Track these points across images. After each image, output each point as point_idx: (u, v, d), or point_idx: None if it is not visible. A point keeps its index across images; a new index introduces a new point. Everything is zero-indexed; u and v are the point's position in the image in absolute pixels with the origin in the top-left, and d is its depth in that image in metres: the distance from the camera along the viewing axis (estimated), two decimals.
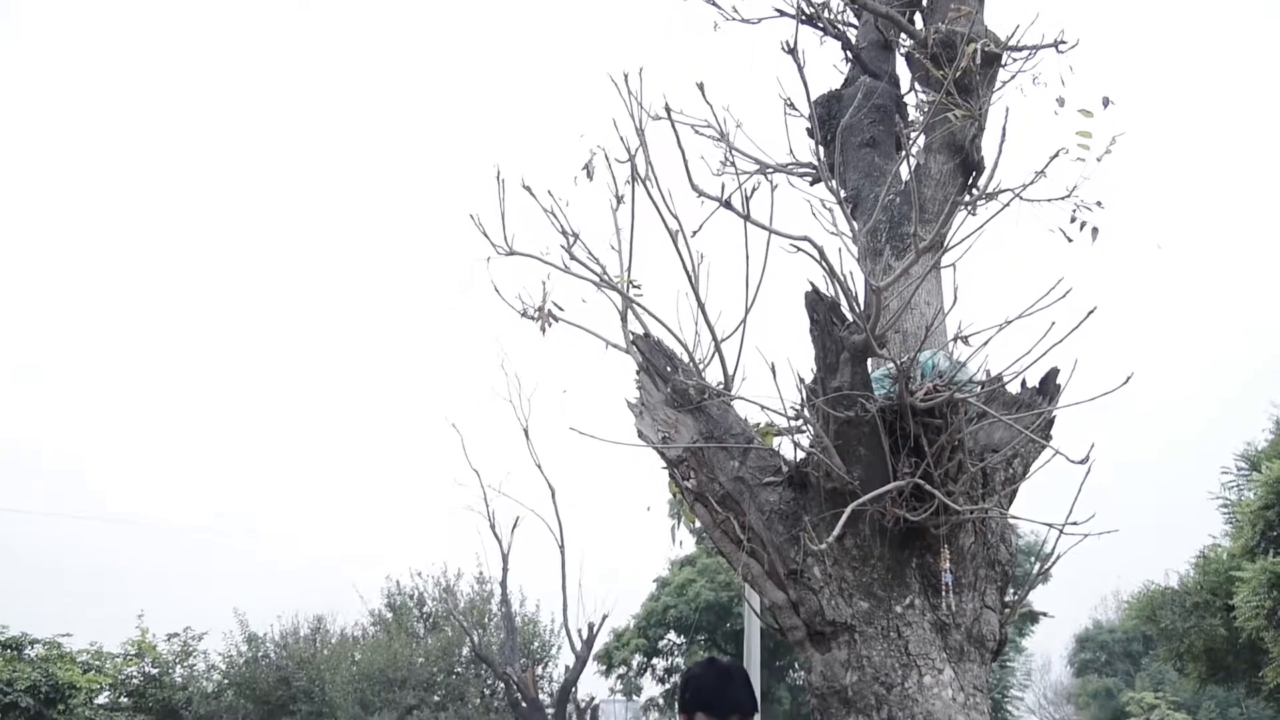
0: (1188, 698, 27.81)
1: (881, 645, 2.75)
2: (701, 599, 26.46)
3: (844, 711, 2.77)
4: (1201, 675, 12.88)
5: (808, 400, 2.86)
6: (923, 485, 2.65)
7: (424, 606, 30.03)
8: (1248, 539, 10.08)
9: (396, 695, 25.05)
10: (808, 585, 2.83)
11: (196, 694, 25.77)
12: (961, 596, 2.85)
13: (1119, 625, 37.06)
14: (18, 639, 19.44)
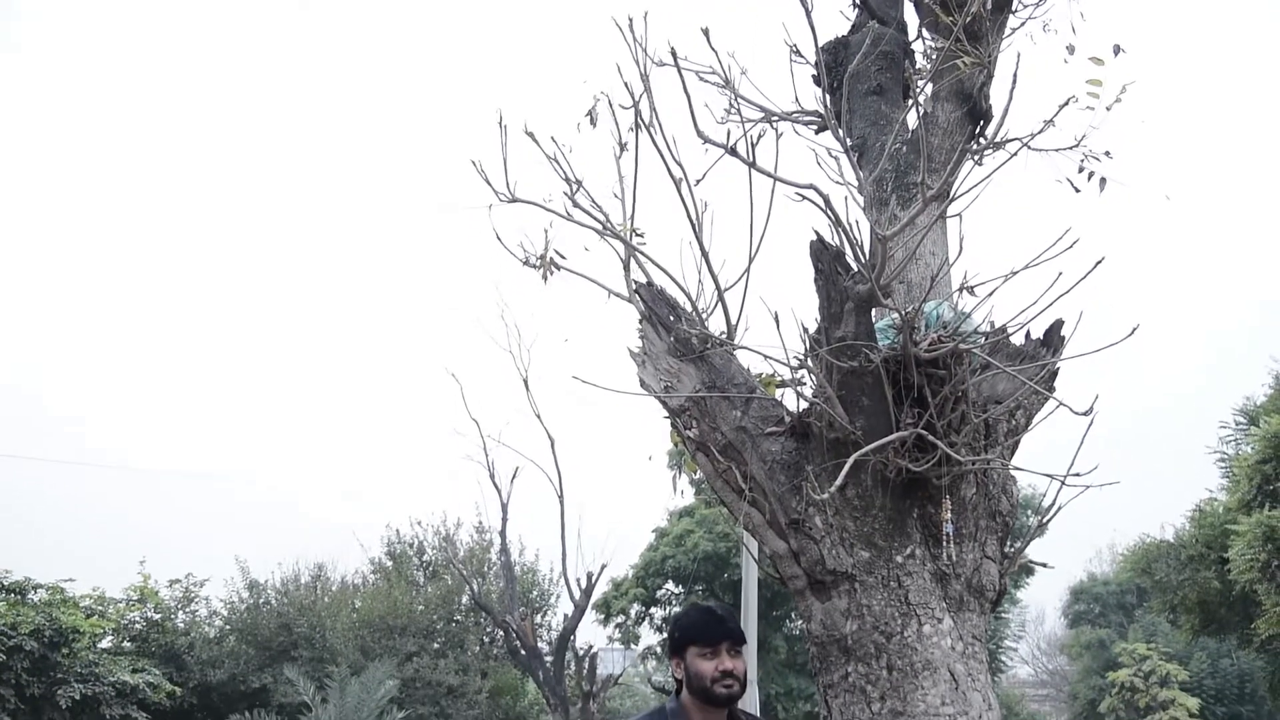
0: (1179, 649, 28.09)
1: (882, 594, 2.77)
2: (700, 549, 26.63)
3: (843, 660, 2.79)
4: (1194, 627, 13.01)
5: (811, 350, 2.84)
6: (925, 436, 2.65)
7: (424, 555, 30.27)
8: (1244, 493, 10.12)
9: (397, 642, 25.30)
10: (809, 535, 2.84)
11: (199, 639, 26.03)
12: (962, 547, 2.85)
13: (1113, 578, 37.35)
14: (21, 584, 19.59)
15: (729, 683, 2.79)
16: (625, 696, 43.36)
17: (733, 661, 2.81)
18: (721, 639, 2.88)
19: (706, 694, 2.82)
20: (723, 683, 2.79)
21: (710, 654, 2.81)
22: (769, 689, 25.12)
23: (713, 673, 2.80)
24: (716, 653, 2.81)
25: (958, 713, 2.66)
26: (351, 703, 18.32)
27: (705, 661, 2.82)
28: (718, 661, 2.80)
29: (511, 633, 24.11)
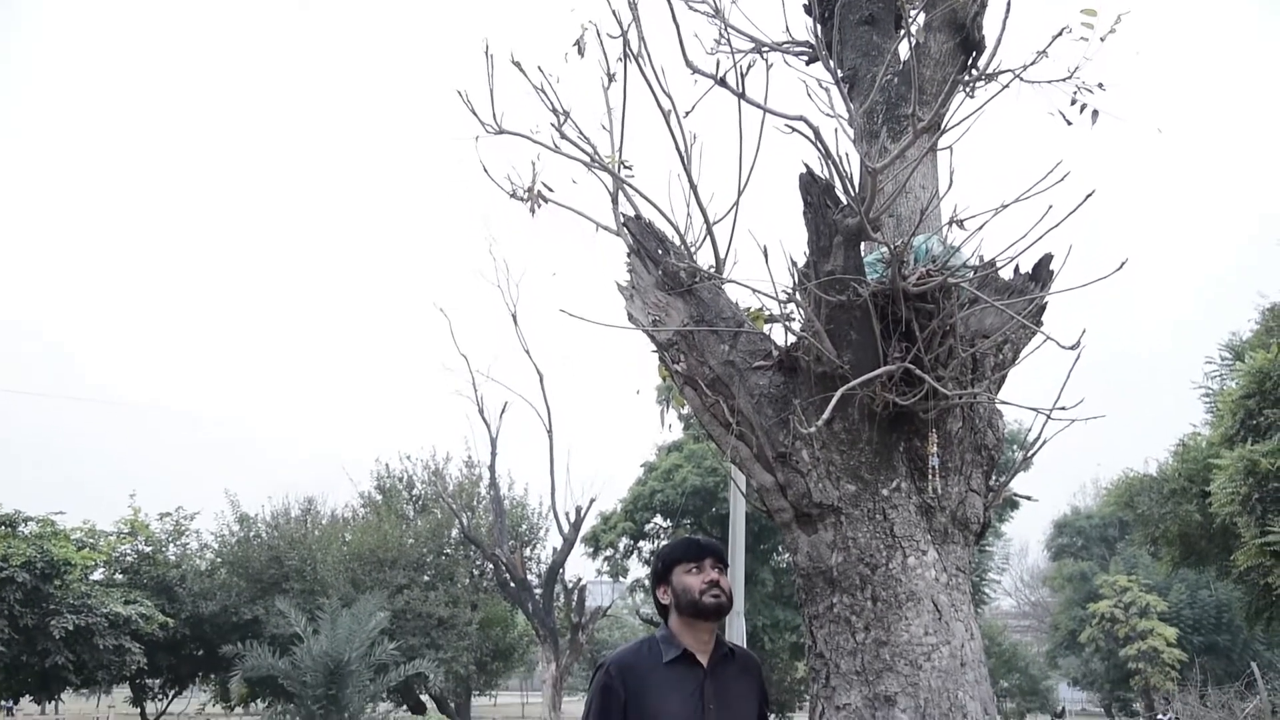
0: (1159, 581, 28.54)
1: (867, 527, 2.79)
2: (688, 484, 26.82)
3: (829, 591, 2.82)
4: (1174, 559, 13.20)
5: (799, 284, 2.83)
6: (913, 370, 2.65)
7: (413, 489, 30.45)
8: (1227, 427, 10.21)
9: (387, 575, 25.53)
10: (796, 468, 2.85)
11: (190, 572, 26.22)
12: (947, 480, 2.87)
13: (1096, 511, 37.81)
14: (11, 516, 19.66)
15: (716, 593, 2.92)
16: (614, 628, 44.02)
17: (718, 575, 2.94)
18: (705, 555, 3.04)
19: (695, 606, 2.93)
20: (710, 593, 2.92)
21: (696, 569, 2.95)
22: (756, 621, 25.47)
23: (700, 584, 2.93)
24: (701, 568, 2.95)
25: (940, 642, 2.70)
26: (343, 634, 18.51)
27: (691, 576, 2.96)
28: (703, 575, 2.94)
29: (501, 566, 24.35)
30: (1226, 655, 28.40)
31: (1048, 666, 38.88)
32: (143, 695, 27.39)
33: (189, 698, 31.50)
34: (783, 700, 30.58)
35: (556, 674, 23.83)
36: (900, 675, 2.67)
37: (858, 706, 2.70)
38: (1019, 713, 35.28)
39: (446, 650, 24.95)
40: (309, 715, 18.23)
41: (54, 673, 19.61)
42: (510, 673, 34.95)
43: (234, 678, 23.95)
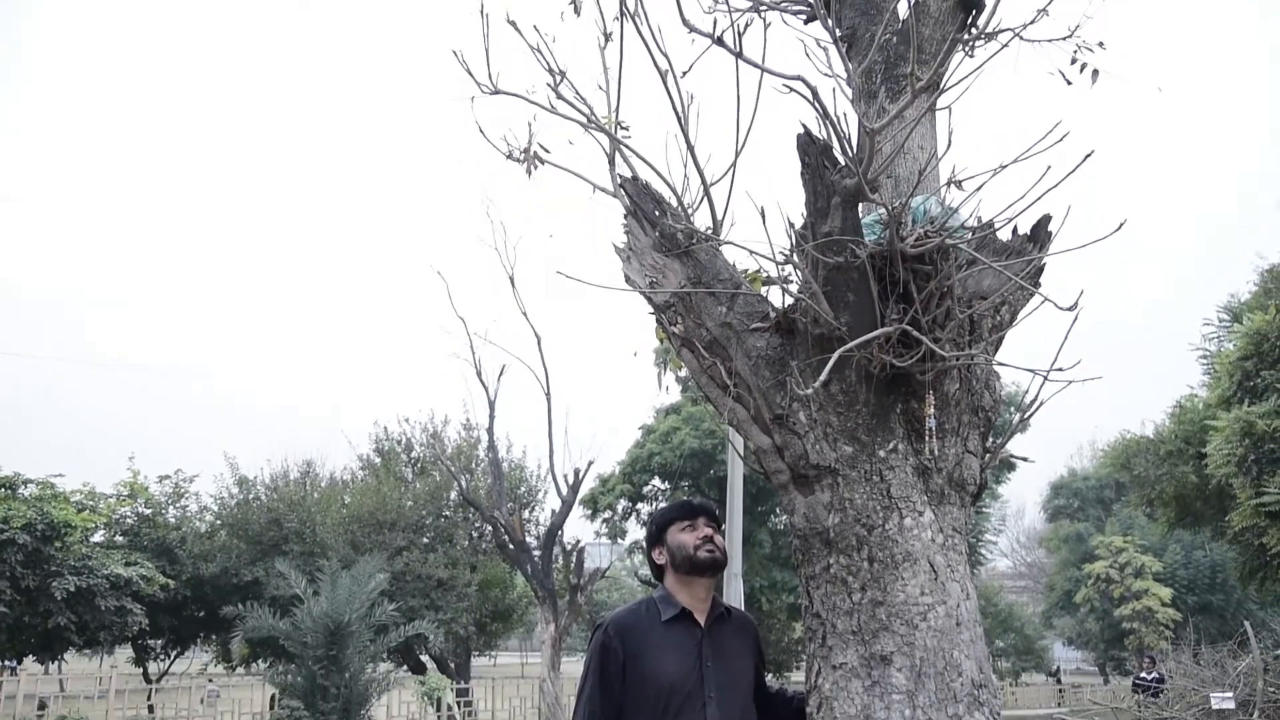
0: (1154, 542, 28.73)
1: (864, 488, 2.79)
2: (686, 446, 26.91)
3: (825, 552, 2.83)
4: (1170, 520, 13.28)
5: (797, 245, 2.82)
6: (910, 331, 2.65)
7: (412, 452, 30.54)
8: (1224, 389, 10.23)
9: (386, 537, 25.67)
10: (793, 430, 2.86)
11: (190, 534, 26.37)
12: (944, 442, 2.88)
13: (1093, 473, 37.99)
14: (11, 478, 19.72)
15: (710, 547, 2.99)
16: (612, 590, 44.34)
17: (712, 531, 3.00)
18: (699, 513, 3.15)
19: (691, 562, 2.99)
20: (705, 547, 2.99)
21: (690, 527, 3.02)
22: (753, 582, 25.66)
23: (695, 540, 3.00)
24: (695, 525, 3.03)
25: (936, 602, 2.71)
26: (343, 595, 18.62)
27: (686, 534, 3.03)
28: (698, 531, 3.00)
29: (500, 528, 24.45)
30: (1220, 615, 28.66)
31: (1043, 626, 39.22)
32: (145, 656, 27.63)
33: (191, 658, 31.78)
34: (780, 660, 30.84)
35: (555, 634, 24.01)
36: (896, 635, 2.69)
37: (854, 665, 2.72)
38: (1014, 672, 35.63)
39: (446, 611, 25.14)
40: (310, 675, 18.38)
41: (56, 633, 19.77)
42: (509, 633, 35.22)
43: (235, 638, 24.13)
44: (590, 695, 2.95)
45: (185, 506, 27.82)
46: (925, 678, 2.65)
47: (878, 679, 2.68)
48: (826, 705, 2.75)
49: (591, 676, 2.98)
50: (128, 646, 26.84)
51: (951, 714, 2.62)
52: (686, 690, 2.90)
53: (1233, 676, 7.57)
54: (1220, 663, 8.02)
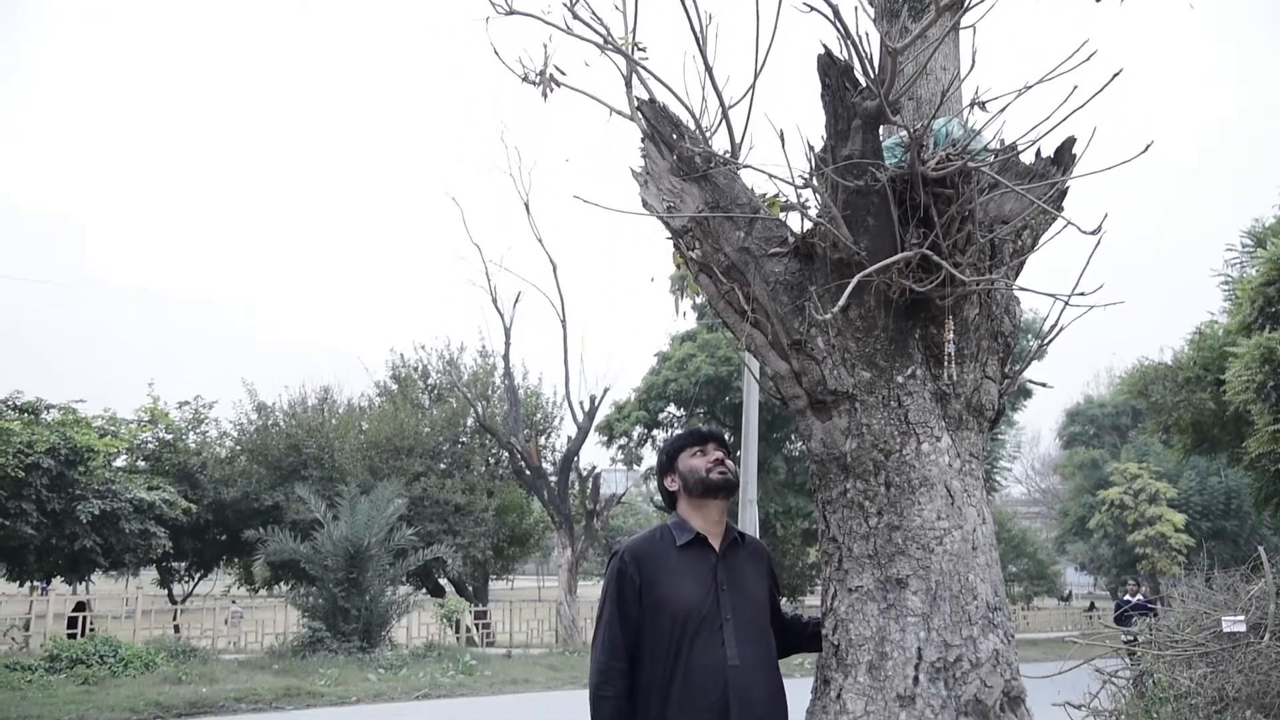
0: (1170, 468, 28.76)
1: (881, 414, 2.79)
2: (701, 373, 26.95)
3: (842, 477, 2.84)
4: (1186, 446, 13.28)
5: (816, 169, 2.79)
6: (930, 256, 2.62)
7: (428, 379, 30.67)
8: (1245, 315, 10.15)
9: (404, 463, 25.92)
10: (811, 355, 2.85)
11: (211, 459, 26.69)
12: (963, 367, 2.86)
13: (1110, 400, 37.95)
14: (34, 404, 19.93)
15: (722, 470, 3.04)
16: (628, 515, 44.75)
17: (723, 455, 3.05)
18: (709, 439, 3.18)
19: (704, 485, 3.04)
20: (717, 470, 3.04)
21: (700, 452, 3.08)
22: (768, 508, 25.86)
23: (706, 464, 3.05)
24: (706, 450, 3.08)
25: (952, 526, 2.72)
26: (362, 520, 18.89)
27: (697, 459, 3.07)
28: (708, 455, 3.05)
29: (516, 454, 24.67)
30: (1234, 540, 28.79)
31: (1056, 552, 39.49)
32: (169, 577, 28.15)
33: (214, 580, 32.37)
34: (794, 585, 31.20)
35: (572, 559, 24.33)
36: (912, 559, 2.70)
37: (869, 589, 2.74)
38: (1027, 596, 35.98)
39: (464, 536, 25.45)
40: (331, 598, 18.72)
41: (83, 555, 20.14)
42: (526, 558, 35.70)
43: (257, 561, 24.57)
44: (609, 621, 2.99)
45: (205, 432, 28.12)
46: (940, 601, 2.67)
47: (893, 602, 2.70)
48: (842, 628, 2.78)
49: (609, 603, 3.01)
50: (152, 569, 27.35)
51: (966, 636, 2.65)
52: (703, 613, 2.93)
53: (1244, 600, 7.60)
54: (1232, 587, 8.05)
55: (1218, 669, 7.17)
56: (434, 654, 19.24)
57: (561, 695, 15.63)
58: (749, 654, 2.93)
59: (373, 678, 16.33)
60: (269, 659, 18.06)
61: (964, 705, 2.59)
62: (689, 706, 2.86)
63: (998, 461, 31.84)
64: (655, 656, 2.92)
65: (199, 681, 15.01)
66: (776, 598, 3.23)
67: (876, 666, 2.68)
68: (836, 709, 2.72)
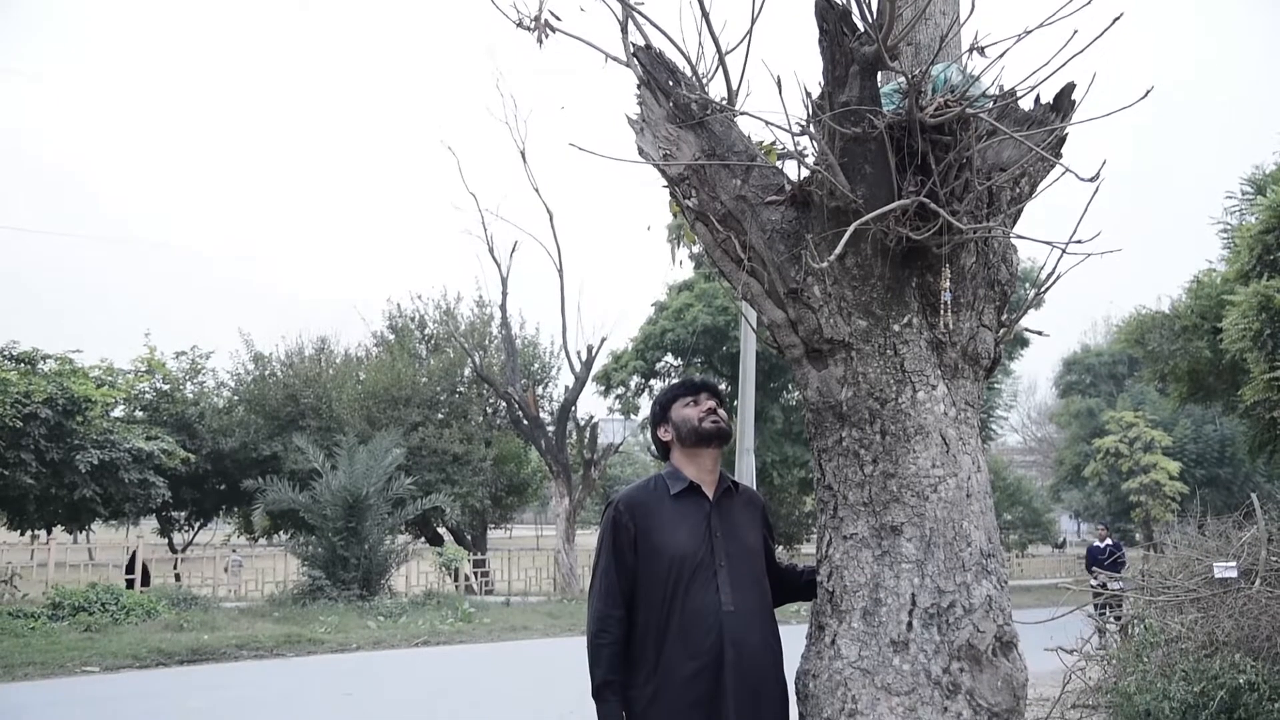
0: (1165, 417, 28.89)
1: (878, 362, 2.79)
2: (699, 323, 26.94)
3: (838, 425, 2.85)
4: (1182, 395, 13.31)
5: (813, 116, 2.76)
6: (927, 204, 2.60)
7: (425, 329, 30.66)
8: (1243, 263, 10.11)
9: (402, 413, 25.98)
10: (807, 304, 2.84)
11: (208, 409, 26.76)
12: (959, 315, 2.86)
13: (1106, 349, 38.02)
14: (30, 354, 19.93)
15: (715, 418, 3.06)
16: (625, 464, 44.98)
17: (715, 404, 3.07)
18: (701, 389, 3.22)
19: (697, 434, 3.06)
20: (709, 419, 3.06)
21: (693, 402, 3.11)
22: (765, 457, 25.97)
23: (698, 413, 3.08)
24: (698, 400, 3.11)
25: (947, 474, 2.73)
26: (360, 469, 18.97)
27: (689, 408, 3.10)
28: (701, 405, 3.07)
29: (514, 404, 24.73)
30: (1227, 488, 28.98)
31: (1051, 500, 39.74)
32: (169, 526, 28.33)
33: (214, 529, 32.56)
34: (791, 533, 31.43)
35: (570, 508, 24.47)
36: (907, 506, 2.72)
37: (864, 536, 2.76)
38: (1021, 544, 36.26)
39: (462, 485, 25.59)
40: (330, 546, 18.85)
41: (83, 505, 20.26)
42: (525, 507, 35.93)
43: (256, 511, 24.71)
44: (605, 569, 3.02)
45: (202, 383, 28.15)
46: (935, 547, 2.69)
47: (888, 549, 2.72)
48: (837, 574, 2.80)
49: (605, 552, 3.04)
50: (152, 518, 27.50)
51: (960, 582, 2.67)
52: (697, 560, 2.96)
53: (1236, 547, 7.67)
54: (1225, 533, 8.12)
55: (1208, 614, 7.25)
56: (433, 602, 19.41)
57: (560, 642, 15.80)
58: (743, 600, 2.97)
59: (372, 625, 16.49)
60: (269, 607, 18.23)
61: (957, 650, 2.62)
62: (684, 651, 2.90)
63: (994, 410, 31.96)
64: (651, 603, 2.96)
65: (200, 629, 15.16)
66: (771, 546, 3.25)
67: (871, 612, 2.71)
68: (831, 654, 2.75)
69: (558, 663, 12.65)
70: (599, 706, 2.96)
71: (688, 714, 2.87)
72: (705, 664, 2.88)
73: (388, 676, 12.41)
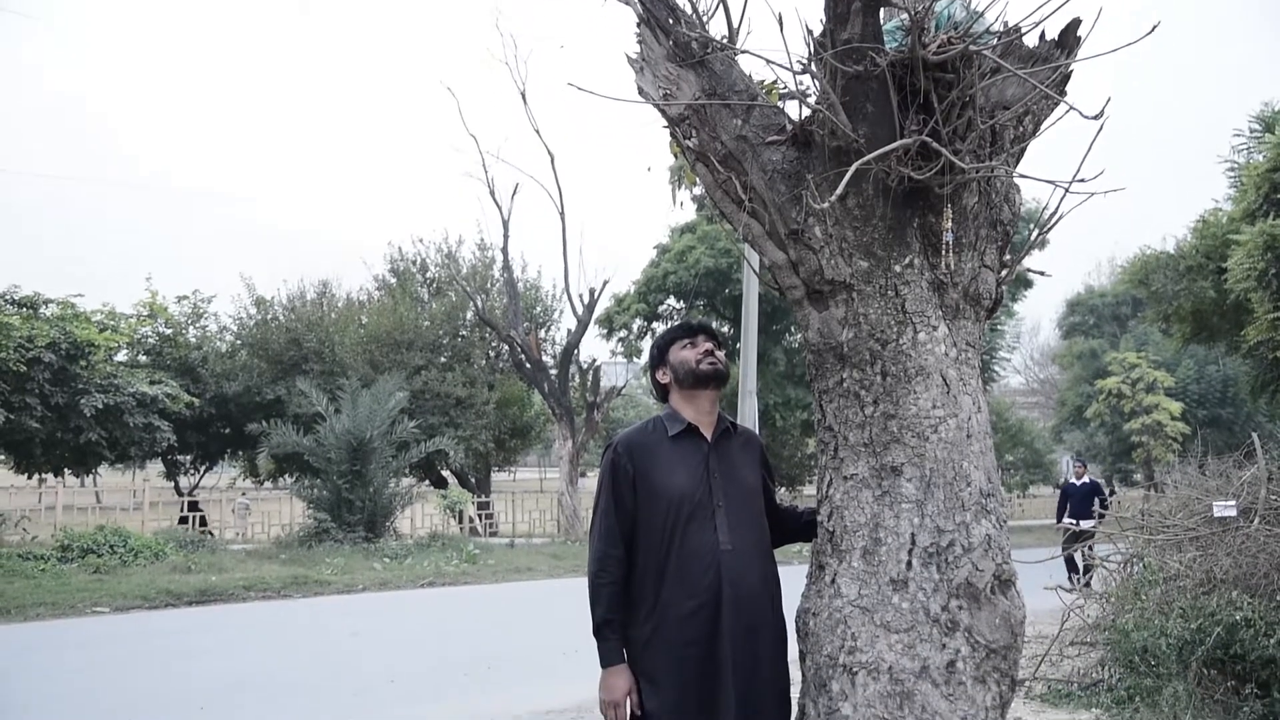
0: (1168, 357, 28.88)
1: (879, 303, 2.78)
2: (701, 265, 26.86)
3: (839, 366, 2.85)
4: (1185, 335, 13.30)
5: (815, 54, 2.73)
6: (930, 143, 2.58)
7: (427, 272, 30.57)
8: (1250, 202, 10.05)
9: (404, 356, 26.00)
10: (808, 245, 2.83)
11: (211, 353, 26.78)
12: (961, 256, 2.85)
13: (1110, 289, 37.91)
14: (31, 298, 19.90)
15: (712, 360, 3.08)
16: (628, 407, 45.13)
17: (712, 346, 3.08)
18: (698, 331, 3.23)
19: (694, 375, 3.08)
20: (707, 360, 3.08)
21: (690, 344, 3.13)
22: (768, 399, 26.03)
23: (696, 355, 3.10)
24: (695, 342, 3.14)
25: (948, 415, 2.74)
26: (364, 413, 19.04)
27: (687, 350, 3.11)
28: (698, 347, 3.08)
29: (516, 347, 24.74)
30: (1229, 428, 29.05)
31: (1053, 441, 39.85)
32: (175, 470, 28.47)
33: (219, 473, 32.73)
34: (793, 475, 31.60)
35: (573, 451, 24.58)
36: (907, 447, 2.72)
37: (864, 476, 2.77)
38: (1022, 485, 36.42)
39: (465, 428, 25.67)
40: (335, 489, 18.98)
41: (89, 449, 20.35)
42: (528, 450, 36.06)
43: (261, 454, 24.78)
44: (605, 510, 3.05)
45: (205, 327, 28.14)
46: (934, 487, 2.70)
47: (888, 489, 2.74)
48: (837, 514, 2.82)
49: (605, 493, 3.07)
50: (158, 462, 27.64)
51: (959, 522, 2.69)
52: (695, 500, 2.98)
53: (1236, 486, 7.71)
54: (1225, 473, 8.15)
55: (1207, 552, 7.31)
56: (438, 544, 19.58)
57: (563, 583, 15.97)
58: (741, 539, 2.99)
59: (378, 567, 16.65)
60: (276, 549, 18.40)
61: (955, 588, 2.65)
62: (683, 590, 2.93)
63: (996, 352, 31.96)
64: (650, 543, 2.99)
65: (208, 570, 15.32)
66: (770, 487, 3.27)
67: (870, 552, 2.73)
68: (831, 593, 2.78)
69: (561, 603, 12.79)
70: (599, 644, 3.00)
71: (685, 651, 2.91)
72: (703, 602, 2.91)
73: (394, 617, 12.56)
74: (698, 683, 2.90)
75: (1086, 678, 7.54)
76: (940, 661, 2.62)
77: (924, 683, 2.62)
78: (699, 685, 2.90)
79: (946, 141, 2.63)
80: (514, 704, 7.48)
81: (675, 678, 2.91)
